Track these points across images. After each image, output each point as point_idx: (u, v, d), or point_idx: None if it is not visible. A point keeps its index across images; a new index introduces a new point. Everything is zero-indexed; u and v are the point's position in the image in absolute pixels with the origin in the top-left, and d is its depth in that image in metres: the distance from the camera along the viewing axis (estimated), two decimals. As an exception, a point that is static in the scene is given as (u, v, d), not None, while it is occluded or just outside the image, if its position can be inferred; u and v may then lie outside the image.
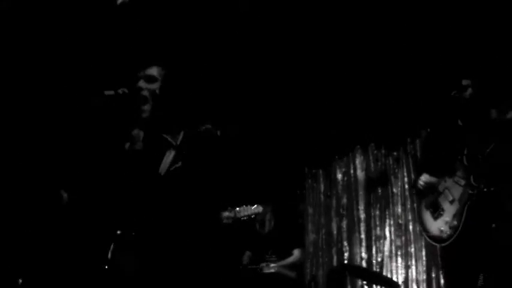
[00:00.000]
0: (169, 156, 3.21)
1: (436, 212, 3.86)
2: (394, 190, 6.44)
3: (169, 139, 3.27)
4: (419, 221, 4.05)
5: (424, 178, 3.99)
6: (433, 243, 3.91)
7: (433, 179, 3.94)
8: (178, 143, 3.25)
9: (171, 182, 3.14)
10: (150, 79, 3.28)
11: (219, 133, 3.34)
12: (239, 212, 4.93)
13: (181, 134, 3.29)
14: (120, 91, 3.16)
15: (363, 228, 6.67)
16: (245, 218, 4.94)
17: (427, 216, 3.94)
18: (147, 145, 3.31)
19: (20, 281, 4.32)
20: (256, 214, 4.96)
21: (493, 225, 3.62)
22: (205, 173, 3.30)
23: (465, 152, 3.83)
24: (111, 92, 3.14)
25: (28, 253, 4.59)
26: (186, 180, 3.18)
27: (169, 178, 3.16)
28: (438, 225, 3.81)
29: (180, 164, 3.17)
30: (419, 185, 3.99)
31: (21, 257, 4.56)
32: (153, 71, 3.31)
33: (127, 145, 3.36)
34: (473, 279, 3.63)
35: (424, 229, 3.97)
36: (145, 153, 3.28)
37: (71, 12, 4.80)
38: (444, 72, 4.98)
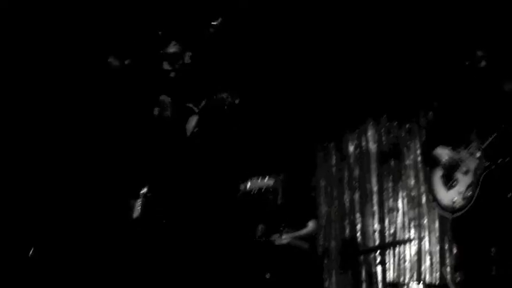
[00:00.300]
0: (192, 121, 3.27)
1: (449, 182, 3.85)
2: (407, 162, 6.43)
3: (192, 106, 3.32)
4: (431, 191, 4.04)
5: (440, 150, 3.95)
6: (445, 214, 3.90)
7: (447, 151, 3.91)
8: (199, 109, 3.31)
9: (193, 146, 3.21)
10: (173, 57, 3.31)
11: (237, 101, 3.38)
12: (250, 185, 4.94)
13: (203, 102, 3.34)
14: (125, 62, 3.19)
15: (375, 200, 6.67)
16: (255, 191, 4.95)
17: (439, 186, 3.93)
18: (174, 111, 3.38)
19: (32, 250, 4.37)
20: (267, 187, 4.97)
21: (510, 195, 3.61)
22: (223, 139, 3.37)
23: (481, 124, 3.81)
24: (117, 62, 3.17)
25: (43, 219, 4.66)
26: (205, 145, 3.25)
27: (191, 142, 3.22)
28: (451, 196, 3.81)
29: (197, 129, 3.23)
30: (434, 156, 3.96)
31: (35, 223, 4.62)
32: (174, 48, 3.33)
33: (156, 111, 3.41)
34: (486, 249, 3.64)
35: (435, 199, 3.96)
36: (173, 119, 3.35)
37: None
38: (458, 43, 4.93)
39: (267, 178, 5.04)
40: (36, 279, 4.31)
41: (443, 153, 3.90)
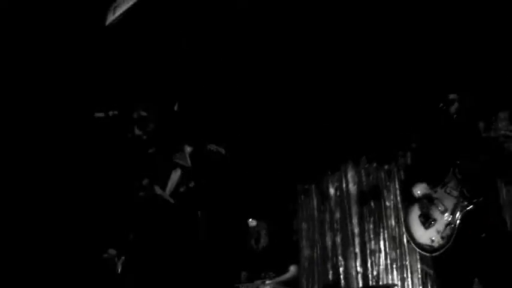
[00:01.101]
0: (176, 175, 3.30)
1: (427, 222, 3.88)
2: (387, 203, 6.46)
3: (180, 162, 3.37)
4: (407, 231, 4.06)
5: (417, 189, 3.99)
6: (423, 253, 3.93)
7: (425, 189, 3.96)
8: (188, 164, 3.35)
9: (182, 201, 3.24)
10: (144, 122, 3.37)
11: (223, 151, 3.43)
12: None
13: (188, 154, 3.38)
14: (110, 113, 3.23)
15: (357, 242, 6.67)
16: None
17: (417, 226, 3.96)
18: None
19: None
20: (251, 228, 4.99)
21: (483, 235, 3.66)
22: (214, 190, 3.41)
23: (457, 164, 3.87)
24: (101, 114, 3.22)
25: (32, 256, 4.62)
26: (196, 199, 3.28)
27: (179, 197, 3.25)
28: (429, 235, 3.83)
29: (192, 184, 3.26)
30: (411, 195, 4.00)
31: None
32: (145, 112, 3.39)
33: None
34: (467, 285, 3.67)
35: (412, 239, 3.98)
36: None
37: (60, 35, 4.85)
38: (433, 86, 5.04)
39: (250, 220, 5.07)
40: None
41: (421, 192, 3.95)
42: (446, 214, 3.81)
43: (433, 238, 3.80)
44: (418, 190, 3.94)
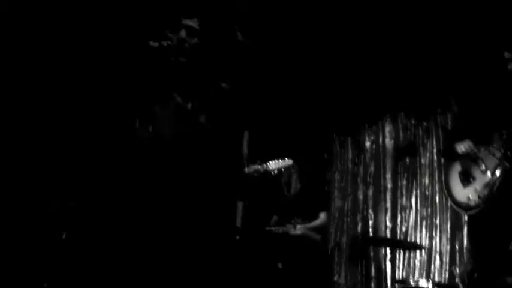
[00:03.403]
0: None
1: (466, 179, 3.86)
2: (423, 161, 6.43)
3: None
4: (446, 186, 4.04)
5: (462, 144, 3.94)
6: (459, 210, 3.92)
7: (469, 146, 3.90)
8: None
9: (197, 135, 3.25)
10: (191, 31, 3.35)
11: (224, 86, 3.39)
12: (269, 165, 5.02)
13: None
14: (164, 43, 3.25)
15: (389, 197, 6.69)
16: (275, 171, 5.03)
17: (456, 182, 3.93)
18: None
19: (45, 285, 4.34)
20: (286, 167, 5.04)
21: None
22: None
23: (504, 125, 3.81)
24: (156, 44, 3.24)
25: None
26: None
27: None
28: (466, 193, 3.82)
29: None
30: (458, 151, 3.95)
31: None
32: (194, 22, 3.37)
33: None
34: (500, 245, 3.67)
35: (450, 195, 3.97)
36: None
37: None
38: (484, 41, 4.93)
39: (285, 159, 5.11)
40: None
41: (465, 149, 3.91)
42: (486, 174, 3.78)
43: (471, 196, 3.79)
44: (462, 146, 3.89)
